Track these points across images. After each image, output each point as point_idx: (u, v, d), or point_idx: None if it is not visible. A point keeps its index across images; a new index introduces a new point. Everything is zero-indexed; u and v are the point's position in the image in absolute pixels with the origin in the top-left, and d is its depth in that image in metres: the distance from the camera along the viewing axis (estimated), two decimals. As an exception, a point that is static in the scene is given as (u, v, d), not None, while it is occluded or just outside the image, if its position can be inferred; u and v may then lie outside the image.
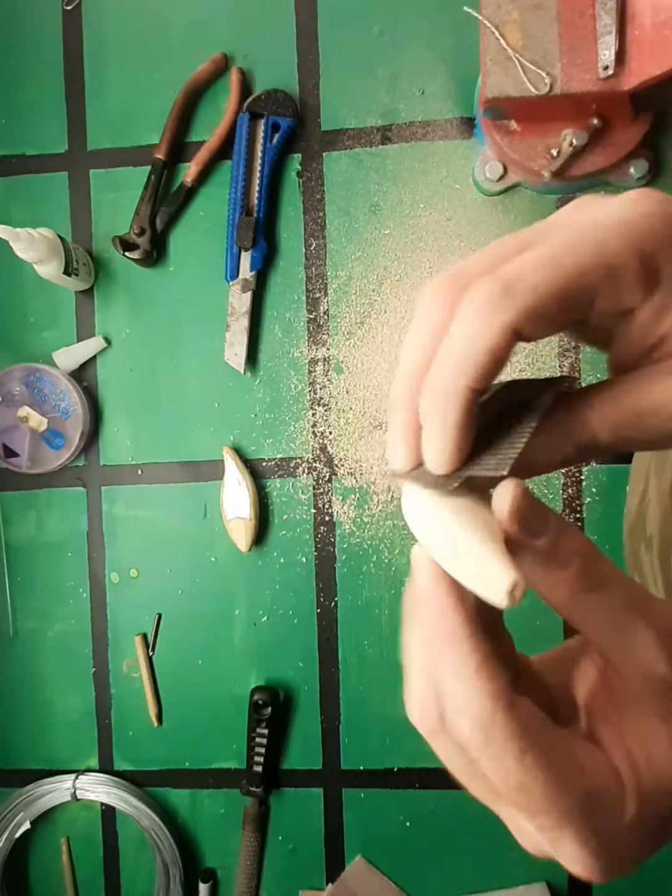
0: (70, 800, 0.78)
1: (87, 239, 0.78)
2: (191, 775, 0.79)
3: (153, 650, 0.79)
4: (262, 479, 0.76)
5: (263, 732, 0.74)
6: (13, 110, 0.78)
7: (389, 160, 0.74)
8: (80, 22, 0.77)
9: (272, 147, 0.73)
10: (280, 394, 0.76)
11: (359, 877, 0.76)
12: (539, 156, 0.65)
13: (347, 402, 0.75)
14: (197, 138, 0.76)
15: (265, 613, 0.77)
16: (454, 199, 0.74)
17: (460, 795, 0.80)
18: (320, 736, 0.77)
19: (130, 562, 0.78)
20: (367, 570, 0.75)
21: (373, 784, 0.76)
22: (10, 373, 0.75)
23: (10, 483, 0.79)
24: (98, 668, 0.79)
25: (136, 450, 0.78)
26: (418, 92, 0.73)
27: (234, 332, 0.74)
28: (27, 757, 0.81)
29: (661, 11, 0.53)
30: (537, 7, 0.57)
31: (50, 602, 0.80)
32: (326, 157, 0.75)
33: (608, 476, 0.72)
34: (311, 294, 0.76)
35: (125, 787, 0.78)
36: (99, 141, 0.77)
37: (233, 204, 0.73)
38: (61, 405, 0.75)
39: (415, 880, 0.77)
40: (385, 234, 0.75)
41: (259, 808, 0.77)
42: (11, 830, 0.78)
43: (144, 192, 0.75)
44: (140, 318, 0.77)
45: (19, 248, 0.66)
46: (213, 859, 0.80)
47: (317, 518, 0.76)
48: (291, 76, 0.75)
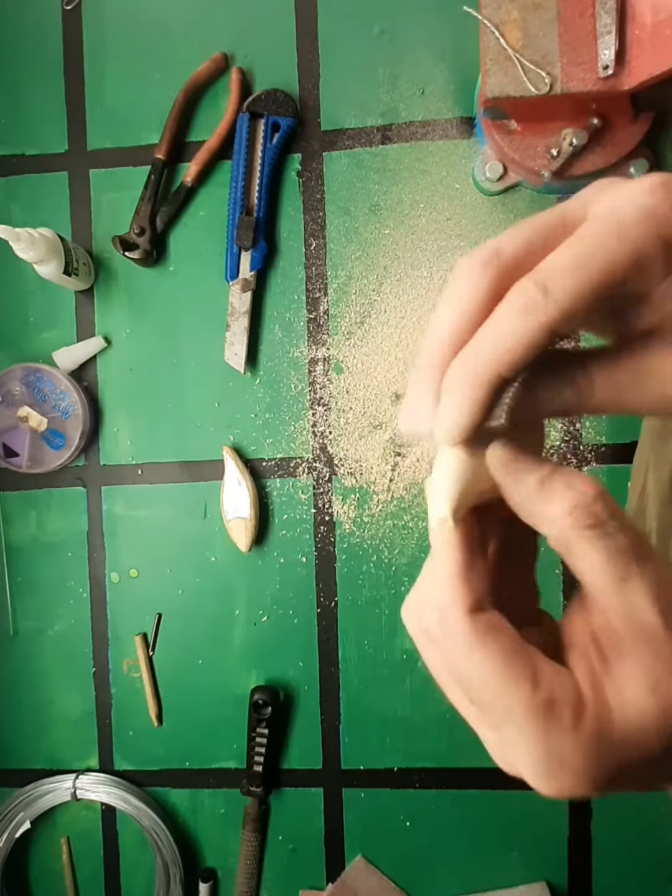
0: (70, 800, 0.78)
1: (87, 239, 0.78)
2: (191, 775, 0.79)
3: (153, 650, 0.79)
4: (262, 479, 0.76)
5: (263, 732, 0.74)
6: (13, 110, 0.78)
7: (389, 160, 0.74)
8: (80, 22, 0.77)
9: (272, 147, 0.73)
10: (280, 394, 0.76)
11: (359, 876, 0.76)
12: (539, 155, 0.65)
13: (347, 402, 0.75)
14: (197, 138, 0.76)
15: (265, 613, 0.77)
16: (454, 198, 0.74)
17: (460, 795, 0.81)
18: (320, 736, 0.77)
19: (130, 562, 0.79)
20: (367, 569, 0.75)
21: (373, 784, 0.77)
22: (11, 373, 0.75)
23: (10, 483, 0.79)
24: (98, 667, 0.79)
25: (136, 450, 0.78)
26: (418, 92, 0.73)
27: (234, 332, 0.74)
28: (27, 757, 0.81)
29: (661, 11, 0.53)
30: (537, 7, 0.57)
31: (50, 602, 0.80)
32: (326, 157, 0.75)
33: (608, 476, 0.72)
34: (311, 294, 0.75)
35: (125, 786, 0.78)
36: (99, 141, 0.77)
37: (233, 204, 0.73)
38: (61, 405, 0.75)
39: (415, 880, 0.77)
40: (385, 234, 0.75)
41: (259, 807, 0.77)
42: (11, 830, 0.78)
43: (144, 191, 0.75)
44: (140, 318, 0.77)
45: (19, 248, 0.66)
46: (213, 859, 0.80)
47: (317, 518, 0.76)
48: (291, 76, 0.75)
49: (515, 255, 0.21)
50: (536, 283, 0.20)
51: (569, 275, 0.20)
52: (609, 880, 0.75)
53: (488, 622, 0.21)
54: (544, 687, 0.20)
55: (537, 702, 0.20)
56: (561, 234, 0.21)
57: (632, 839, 0.74)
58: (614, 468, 0.72)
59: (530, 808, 0.75)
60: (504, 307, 0.21)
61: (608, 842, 0.74)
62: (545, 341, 0.20)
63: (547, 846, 0.75)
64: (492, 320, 0.21)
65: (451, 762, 0.75)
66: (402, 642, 0.75)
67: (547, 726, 0.20)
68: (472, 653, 0.21)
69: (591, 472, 0.73)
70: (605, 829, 0.74)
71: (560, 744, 0.20)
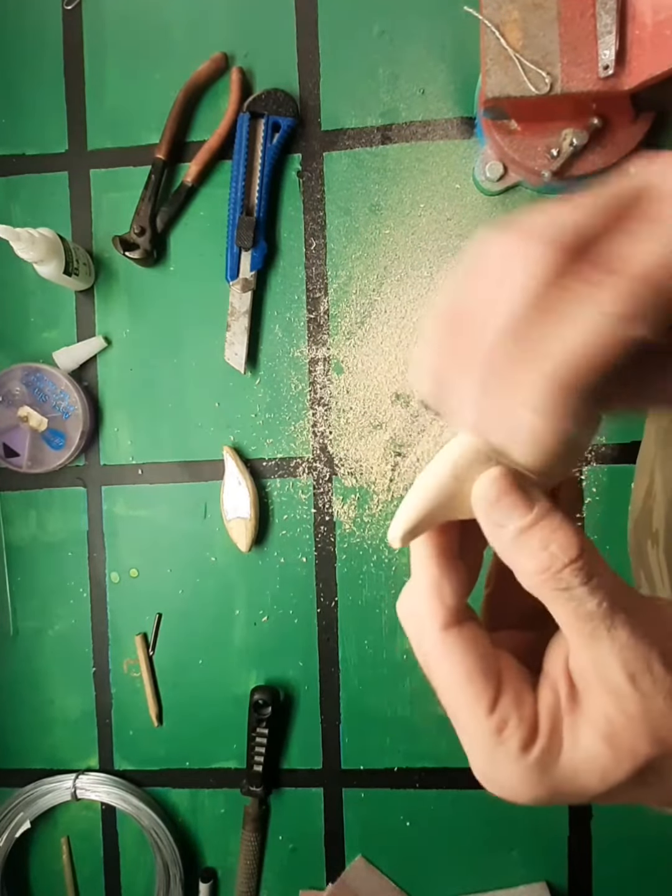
0: (70, 799, 0.78)
1: (88, 239, 0.78)
2: (191, 775, 0.79)
3: (153, 650, 0.79)
4: (262, 479, 0.76)
5: (263, 732, 0.74)
6: (13, 110, 0.78)
7: (389, 160, 0.74)
8: (80, 22, 0.77)
9: (272, 147, 0.73)
10: (280, 394, 0.76)
11: (359, 876, 0.76)
12: (539, 155, 0.65)
13: (347, 401, 0.75)
14: (197, 138, 0.76)
15: (265, 613, 0.77)
16: (454, 198, 0.74)
17: (460, 795, 0.81)
18: (320, 736, 0.77)
19: (130, 562, 0.79)
20: (367, 569, 0.75)
21: (373, 784, 0.77)
22: (11, 373, 0.75)
23: (10, 483, 0.79)
24: (98, 667, 0.79)
25: (136, 450, 0.78)
26: (418, 92, 0.73)
27: (234, 332, 0.74)
28: (27, 757, 0.81)
29: (662, 11, 0.53)
30: (537, 7, 0.57)
31: (50, 602, 0.80)
32: (327, 157, 0.75)
33: (608, 476, 0.72)
34: (311, 294, 0.75)
35: (125, 786, 0.78)
36: (99, 141, 0.77)
37: (233, 204, 0.73)
38: (61, 405, 0.75)
39: (415, 880, 0.77)
40: (385, 234, 0.75)
41: (259, 807, 0.77)
42: (11, 830, 0.78)
43: (144, 191, 0.75)
44: (140, 317, 0.77)
45: (19, 248, 0.66)
46: (213, 859, 0.80)
47: (317, 518, 0.76)
48: (292, 76, 0.75)
49: (585, 235, 0.19)
50: (624, 287, 0.18)
51: (656, 276, 0.18)
52: (609, 880, 0.75)
53: (459, 638, 0.22)
54: (499, 713, 0.21)
55: (488, 725, 0.21)
56: (634, 214, 0.19)
57: (632, 839, 0.74)
58: (615, 468, 0.72)
59: (530, 809, 0.75)
60: (595, 308, 0.18)
61: (608, 842, 0.74)
62: (628, 350, 0.18)
63: (547, 846, 0.75)
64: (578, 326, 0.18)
65: (451, 762, 0.75)
66: (402, 642, 0.75)
67: (493, 749, 0.21)
68: (438, 666, 0.22)
69: (592, 472, 0.73)
70: (605, 829, 0.74)
71: (501, 766, 0.21)
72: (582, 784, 0.20)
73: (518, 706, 0.21)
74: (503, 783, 0.21)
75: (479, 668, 0.21)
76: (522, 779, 0.21)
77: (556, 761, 0.20)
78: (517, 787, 0.21)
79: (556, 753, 0.20)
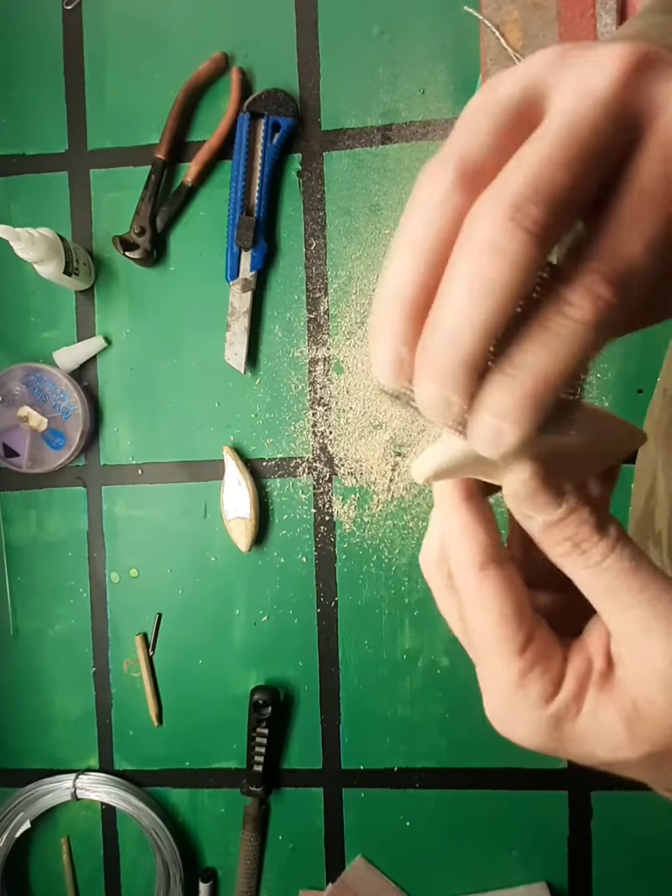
0: (70, 799, 0.78)
1: (87, 239, 0.78)
2: (191, 775, 0.79)
3: (153, 650, 0.79)
4: (263, 479, 0.76)
5: (263, 732, 0.74)
6: (13, 110, 0.78)
7: (390, 160, 0.74)
8: (80, 22, 0.77)
9: (272, 147, 0.73)
10: (280, 394, 0.76)
11: (359, 876, 0.76)
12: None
13: (347, 401, 0.75)
14: (197, 138, 0.76)
15: (265, 613, 0.77)
16: (454, 198, 0.73)
17: (460, 795, 0.81)
18: (320, 736, 0.77)
19: (130, 562, 0.79)
20: (367, 570, 0.75)
21: (373, 784, 0.77)
22: (11, 373, 0.75)
23: (10, 483, 0.79)
24: (98, 667, 0.79)
25: (136, 450, 0.78)
26: (418, 92, 0.73)
27: (234, 332, 0.74)
28: (27, 757, 0.81)
29: (662, 11, 0.53)
30: (537, 7, 0.57)
31: (50, 602, 0.80)
32: (327, 157, 0.75)
33: (608, 476, 0.72)
34: (311, 294, 0.75)
35: (125, 786, 0.78)
36: (99, 141, 0.77)
37: (233, 204, 0.73)
38: (61, 405, 0.75)
39: (415, 880, 0.77)
40: (385, 234, 0.75)
41: (259, 807, 0.77)
42: (12, 830, 0.78)
43: (144, 191, 0.75)
44: (140, 317, 0.77)
45: (19, 248, 0.66)
46: (213, 859, 0.80)
47: (317, 518, 0.76)
48: (292, 76, 0.75)
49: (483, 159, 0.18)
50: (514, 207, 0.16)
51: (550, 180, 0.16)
52: (609, 880, 0.75)
53: (497, 578, 0.22)
54: (527, 657, 0.21)
55: (515, 667, 0.21)
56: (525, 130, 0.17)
57: (632, 839, 0.74)
58: (614, 468, 0.72)
59: (530, 808, 0.75)
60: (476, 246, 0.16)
61: (608, 842, 0.74)
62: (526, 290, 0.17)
63: (547, 846, 0.75)
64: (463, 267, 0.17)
65: (451, 762, 0.75)
66: (402, 642, 0.75)
67: (513, 691, 0.21)
68: (473, 605, 0.22)
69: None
70: (605, 829, 0.74)
71: (516, 710, 0.21)
72: (590, 750, 0.21)
73: (546, 658, 0.21)
74: (514, 726, 0.21)
75: (514, 610, 0.22)
76: (534, 727, 0.21)
77: (571, 722, 0.21)
78: (526, 734, 0.21)
79: (573, 716, 0.21)
